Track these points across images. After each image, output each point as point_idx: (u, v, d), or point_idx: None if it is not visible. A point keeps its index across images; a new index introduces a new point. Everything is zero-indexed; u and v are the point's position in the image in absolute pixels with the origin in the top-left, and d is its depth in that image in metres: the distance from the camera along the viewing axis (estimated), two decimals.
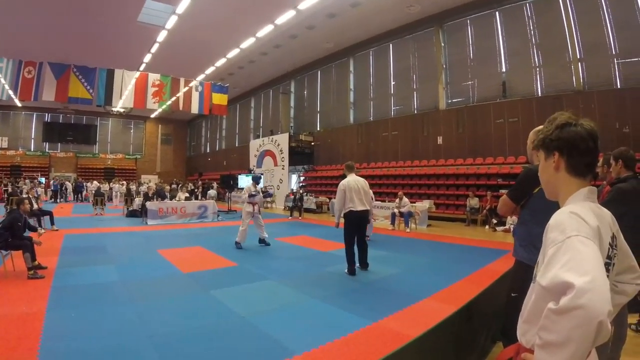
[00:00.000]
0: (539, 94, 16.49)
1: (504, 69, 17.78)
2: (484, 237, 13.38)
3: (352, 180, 7.83)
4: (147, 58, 24.45)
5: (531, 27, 16.71)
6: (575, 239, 1.27)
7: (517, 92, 17.17)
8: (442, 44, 20.15)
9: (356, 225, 7.82)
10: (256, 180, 11.49)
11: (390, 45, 23.16)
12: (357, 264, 7.86)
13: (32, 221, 12.43)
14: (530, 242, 3.28)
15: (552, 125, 1.58)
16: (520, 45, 17.08)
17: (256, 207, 10.98)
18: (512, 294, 3.32)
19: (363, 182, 7.90)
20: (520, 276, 3.22)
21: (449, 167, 18.97)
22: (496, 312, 4.10)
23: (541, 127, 1.70)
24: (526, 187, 3.32)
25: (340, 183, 7.84)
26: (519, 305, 1.60)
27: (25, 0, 17.85)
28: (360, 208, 7.71)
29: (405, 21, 20.96)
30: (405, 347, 2.58)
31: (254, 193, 10.90)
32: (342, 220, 8.00)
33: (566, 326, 1.14)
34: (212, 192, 23.97)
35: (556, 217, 1.41)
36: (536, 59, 16.60)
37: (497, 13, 17.83)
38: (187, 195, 19.91)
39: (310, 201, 22.51)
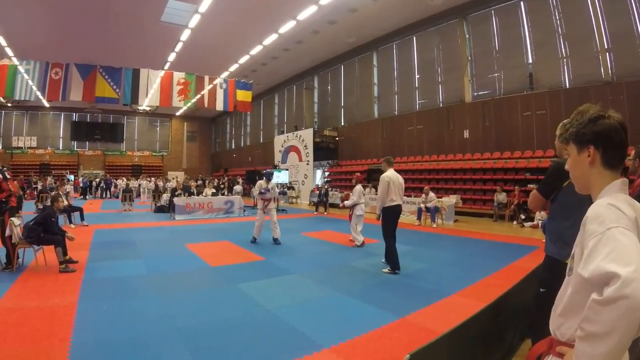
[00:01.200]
0: (567, 85, 16.26)
1: (530, 60, 17.57)
2: (511, 232, 13.30)
3: (394, 174, 7.85)
4: (172, 57, 24.90)
5: (557, 17, 16.45)
6: (615, 230, 1.28)
7: (544, 84, 16.97)
8: (467, 36, 20.06)
9: (396, 219, 7.83)
10: (268, 176, 11.60)
11: (414, 38, 23.15)
12: (383, 260, 7.93)
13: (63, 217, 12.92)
14: (559, 237, 3.31)
15: (585, 118, 1.57)
16: (546, 36, 16.85)
17: (271, 204, 11.12)
18: (542, 289, 3.35)
19: (401, 179, 7.98)
20: (550, 271, 3.27)
21: (475, 162, 18.94)
22: (525, 308, 4.12)
23: (568, 120, 1.69)
24: (556, 181, 3.32)
25: (384, 175, 7.80)
26: (549, 301, 1.62)
27: (49, 3, 18.47)
28: (400, 202, 7.81)
29: (427, 13, 20.95)
30: (434, 342, 2.57)
31: (263, 191, 11.07)
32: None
33: (610, 316, 1.15)
34: (237, 188, 24.31)
35: (594, 209, 1.41)
36: (563, 50, 16.39)
37: (521, 3, 17.63)
38: (213, 191, 20.23)
39: (335, 196, 22.63)
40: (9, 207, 7.31)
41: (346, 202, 11.02)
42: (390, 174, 7.81)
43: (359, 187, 10.70)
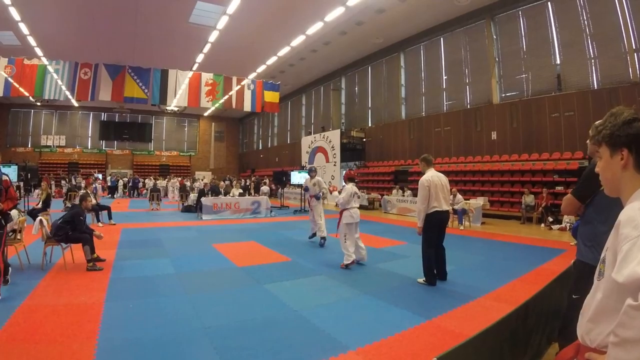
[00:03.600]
0: (595, 86, 16.36)
1: (558, 61, 17.68)
2: (539, 235, 13.37)
3: (435, 175, 7.01)
4: (200, 58, 25.69)
5: (584, 17, 16.55)
6: None
7: (572, 85, 17.09)
8: (494, 37, 20.29)
9: (439, 228, 7.07)
10: (309, 173, 11.97)
11: (441, 39, 23.50)
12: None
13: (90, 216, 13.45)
14: (595, 242, 3.21)
15: (619, 120, 1.57)
16: (574, 36, 16.95)
17: (313, 200, 11.49)
18: (574, 296, 3.23)
19: (445, 179, 7.12)
20: (584, 277, 3.15)
21: (503, 163, 19.14)
22: (552, 312, 4.15)
23: (601, 121, 1.73)
24: (593, 185, 3.19)
25: (423, 179, 6.91)
26: (581, 307, 1.62)
27: (79, 4, 19.37)
28: (445, 208, 6.99)
29: (455, 14, 21.33)
30: (462, 345, 2.59)
31: (305, 189, 11.48)
32: None
33: None
34: (265, 188, 24.78)
35: (628, 213, 1.41)
36: (591, 50, 16.50)
37: (549, 3, 17.77)
38: (240, 191, 20.78)
39: (362, 197, 22.90)
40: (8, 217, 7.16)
41: (338, 200, 8.66)
42: (429, 176, 6.96)
43: (350, 186, 8.71)
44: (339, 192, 9.09)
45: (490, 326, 2.95)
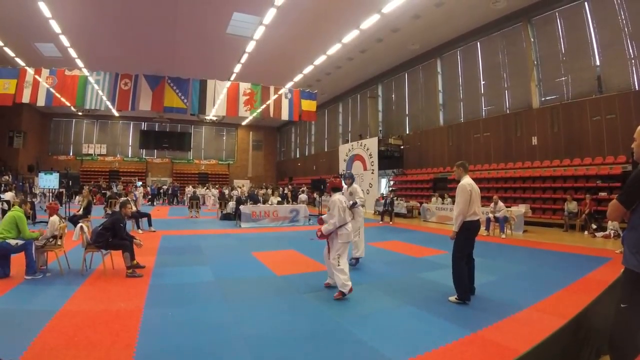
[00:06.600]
0: (637, 87, 16.20)
1: (598, 63, 17.60)
2: (583, 243, 13.24)
3: (473, 182, 6.78)
4: (237, 68, 26.33)
5: (622, 17, 16.42)
6: None
7: (613, 87, 16.95)
8: (532, 39, 20.30)
9: (473, 239, 6.82)
10: (344, 179, 10.37)
11: (478, 43, 23.67)
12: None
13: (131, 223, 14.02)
14: None
15: None
16: (613, 36, 16.81)
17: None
18: (622, 305, 3.20)
19: (478, 189, 6.83)
20: (631, 286, 3.17)
21: (544, 169, 19.10)
22: (602, 324, 3.98)
23: None
24: (639, 190, 3.17)
25: (465, 183, 6.64)
26: (630, 316, 1.64)
27: (119, 16, 20.52)
28: (481, 217, 6.86)
29: (491, 18, 21.47)
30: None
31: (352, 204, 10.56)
32: None
33: None
34: (303, 197, 25.10)
35: None
36: (631, 50, 16.33)
37: (586, 3, 17.74)
38: (279, 199, 21.36)
39: (400, 205, 23.28)
40: None
41: (323, 228, 7.01)
42: (470, 181, 6.73)
43: (338, 196, 7.18)
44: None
45: (541, 342, 2.94)
